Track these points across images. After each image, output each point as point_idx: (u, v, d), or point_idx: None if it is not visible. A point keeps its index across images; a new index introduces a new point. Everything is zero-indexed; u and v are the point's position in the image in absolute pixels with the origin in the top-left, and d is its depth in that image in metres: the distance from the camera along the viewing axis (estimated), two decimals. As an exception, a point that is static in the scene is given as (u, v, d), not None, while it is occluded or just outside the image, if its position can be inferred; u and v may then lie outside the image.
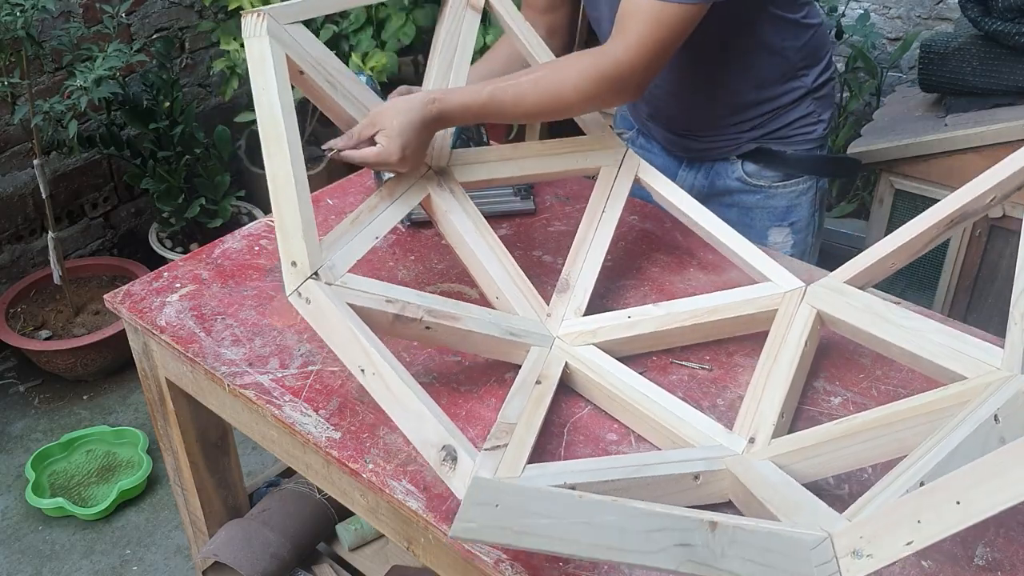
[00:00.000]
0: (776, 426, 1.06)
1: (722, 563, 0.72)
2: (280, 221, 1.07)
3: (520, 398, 1.09)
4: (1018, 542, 0.98)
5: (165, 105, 2.45)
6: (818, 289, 1.20)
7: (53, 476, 2.20)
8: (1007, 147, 1.93)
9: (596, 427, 1.12)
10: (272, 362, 1.20)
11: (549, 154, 1.37)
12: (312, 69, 1.19)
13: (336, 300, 1.04)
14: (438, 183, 1.28)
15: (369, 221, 1.19)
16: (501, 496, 0.72)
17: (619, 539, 0.71)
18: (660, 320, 1.21)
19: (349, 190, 1.58)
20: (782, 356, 1.14)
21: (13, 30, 2.01)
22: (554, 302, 1.25)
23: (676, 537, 0.72)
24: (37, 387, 2.49)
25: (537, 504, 0.72)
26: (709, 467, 1.00)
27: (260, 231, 1.47)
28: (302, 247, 1.05)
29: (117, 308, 1.32)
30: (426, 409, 0.95)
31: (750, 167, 1.51)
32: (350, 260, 1.12)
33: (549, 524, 0.71)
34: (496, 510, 0.71)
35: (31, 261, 2.61)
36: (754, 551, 0.73)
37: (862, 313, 1.15)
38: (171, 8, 2.70)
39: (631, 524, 0.72)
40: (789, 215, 1.53)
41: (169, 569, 2.02)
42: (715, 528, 0.73)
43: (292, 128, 1.09)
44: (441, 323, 1.10)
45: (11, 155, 2.46)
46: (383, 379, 0.98)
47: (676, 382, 1.19)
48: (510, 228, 1.50)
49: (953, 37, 2.07)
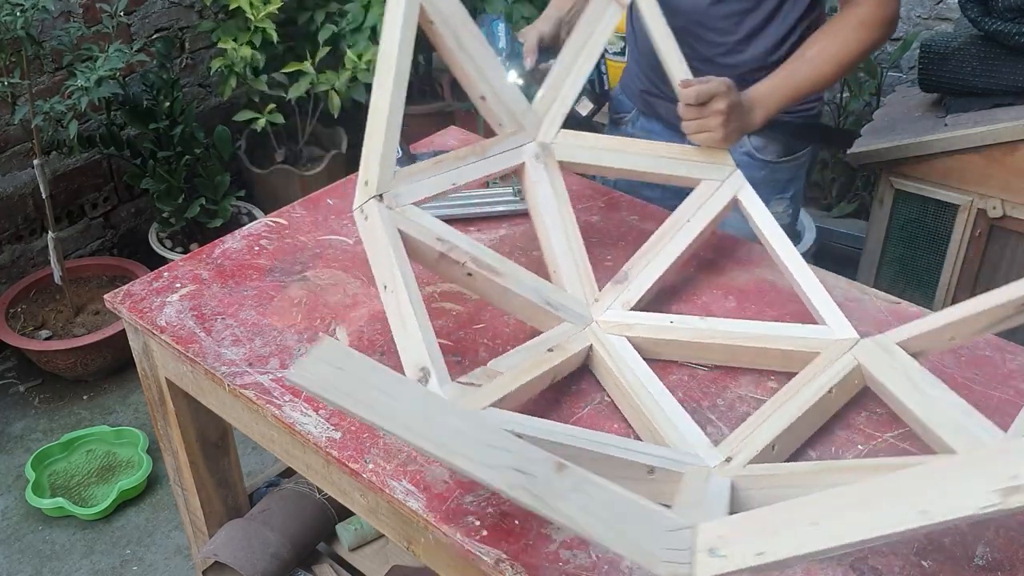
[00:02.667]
0: (760, 453, 1.02)
1: (558, 503, 0.69)
2: (367, 144, 1.18)
3: (521, 355, 1.12)
4: (1018, 542, 0.98)
5: (165, 105, 2.45)
6: (868, 344, 1.15)
7: (53, 476, 2.20)
8: (1007, 147, 1.94)
9: (596, 426, 1.12)
10: (272, 362, 1.20)
11: (655, 155, 1.38)
12: (441, 22, 1.26)
13: (388, 222, 1.13)
14: (536, 156, 1.34)
15: (453, 167, 1.26)
16: (348, 362, 0.72)
17: (453, 439, 0.70)
18: (699, 332, 1.20)
19: (349, 190, 1.58)
20: (803, 393, 1.09)
21: (13, 30, 2.01)
22: (606, 290, 1.26)
23: (515, 461, 0.70)
24: (37, 387, 2.49)
25: (382, 381, 0.72)
26: (666, 466, 0.98)
27: (260, 231, 1.47)
28: (376, 170, 1.16)
29: (117, 308, 1.32)
30: (420, 333, 1.02)
31: (756, 140, 1.57)
32: (419, 194, 1.21)
33: (387, 402, 0.71)
34: (339, 372, 0.72)
35: (31, 261, 2.61)
36: (600, 506, 0.70)
37: (898, 376, 1.09)
38: (171, 8, 2.70)
39: (471, 430, 0.71)
40: (789, 187, 1.66)
41: (169, 569, 2.02)
42: (561, 470, 0.70)
43: (403, 67, 1.19)
44: (482, 273, 1.16)
45: (11, 155, 2.46)
46: (397, 298, 1.06)
47: (676, 382, 1.19)
48: (510, 228, 1.50)
49: (953, 37, 2.07)
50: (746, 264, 1.40)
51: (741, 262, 1.41)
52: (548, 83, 1.40)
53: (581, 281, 1.26)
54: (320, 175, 2.83)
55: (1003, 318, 1.02)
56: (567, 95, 1.39)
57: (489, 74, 1.32)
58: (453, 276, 1.19)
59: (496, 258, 1.20)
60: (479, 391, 1.03)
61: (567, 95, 1.39)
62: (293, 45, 2.78)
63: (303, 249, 1.43)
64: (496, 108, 1.35)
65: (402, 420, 0.70)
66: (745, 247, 1.46)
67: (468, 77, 1.32)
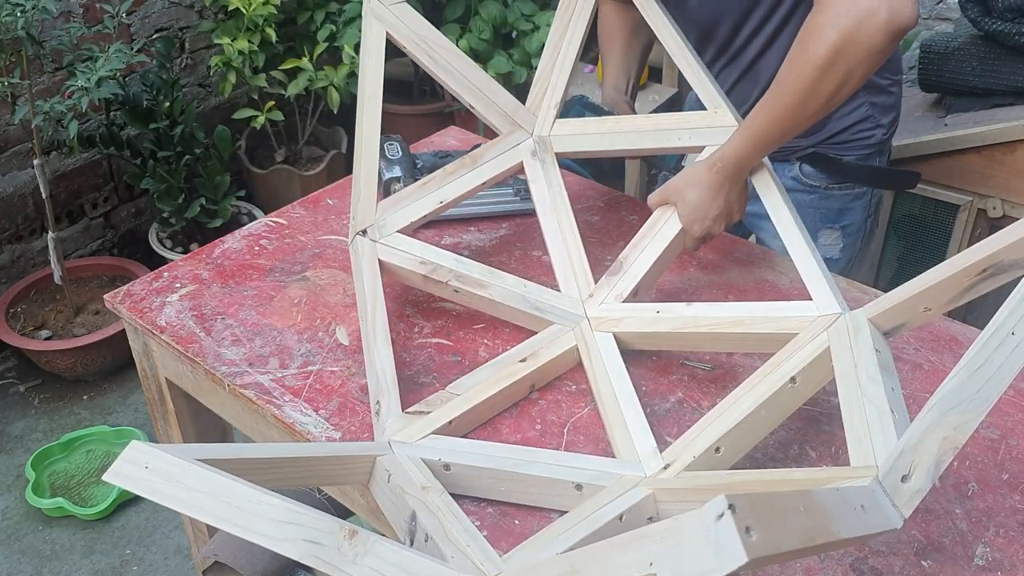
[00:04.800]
0: (699, 459, 0.98)
1: (349, 569, 0.73)
2: (354, 179, 1.28)
3: (486, 372, 1.13)
4: (1018, 542, 0.98)
5: (165, 105, 2.45)
6: (843, 322, 1.05)
7: (53, 476, 2.20)
8: (1007, 147, 1.94)
9: (596, 427, 1.12)
10: (272, 362, 1.20)
11: (654, 129, 1.34)
12: (414, 46, 1.31)
13: (370, 255, 1.21)
14: (533, 152, 1.35)
15: (442, 185, 1.30)
16: (151, 460, 0.77)
17: (251, 522, 0.74)
18: (683, 321, 1.17)
19: (349, 190, 1.57)
20: (760, 386, 1.02)
21: (13, 30, 2.01)
22: (601, 283, 1.24)
23: (306, 533, 0.74)
24: (37, 387, 2.49)
25: (181, 474, 0.76)
26: (593, 480, 0.98)
27: (260, 231, 1.47)
28: (358, 207, 1.26)
29: (117, 308, 1.32)
30: (378, 364, 1.09)
31: (807, 168, 1.49)
32: (403, 221, 1.27)
33: (187, 495, 0.75)
34: (146, 471, 0.76)
35: (31, 261, 2.61)
36: (392, 569, 0.73)
37: (847, 360, 1.01)
38: (171, 8, 2.70)
39: (262, 511, 0.75)
40: (842, 218, 1.52)
41: (169, 569, 2.02)
42: (352, 536, 0.74)
43: (375, 106, 1.28)
44: (467, 288, 1.21)
45: (11, 155, 2.46)
46: (368, 329, 1.13)
47: (676, 381, 1.19)
48: (510, 228, 1.50)
49: (953, 37, 2.07)
50: (746, 264, 1.40)
51: (741, 262, 1.40)
52: (537, 75, 1.40)
53: (576, 277, 1.26)
54: (320, 175, 2.83)
55: (973, 283, 0.95)
56: (558, 83, 1.38)
57: (472, 82, 1.34)
58: (444, 293, 1.24)
59: (481, 270, 1.22)
60: (423, 420, 1.05)
61: (558, 83, 1.38)
62: (293, 45, 2.78)
63: (303, 249, 1.43)
64: (487, 113, 1.35)
65: (203, 508, 0.75)
66: (745, 247, 1.46)
67: (453, 90, 1.34)
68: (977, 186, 2.01)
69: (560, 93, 1.38)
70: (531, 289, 1.22)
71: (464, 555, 0.84)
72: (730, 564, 0.56)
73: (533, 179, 1.33)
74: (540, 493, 1.00)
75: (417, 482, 0.94)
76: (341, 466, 0.96)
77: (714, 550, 0.57)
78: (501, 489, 1.00)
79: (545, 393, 1.16)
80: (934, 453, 0.76)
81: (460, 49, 1.40)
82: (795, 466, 1.07)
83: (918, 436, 0.77)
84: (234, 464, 0.82)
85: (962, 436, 0.75)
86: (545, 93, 1.39)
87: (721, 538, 0.57)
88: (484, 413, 1.11)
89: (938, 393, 0.78)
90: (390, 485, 0.95)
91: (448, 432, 1.05)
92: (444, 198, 1.29)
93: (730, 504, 0.57)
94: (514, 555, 0.89)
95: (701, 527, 0.58)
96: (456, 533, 0.88)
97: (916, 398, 1.15)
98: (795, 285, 1.33)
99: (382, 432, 1.04)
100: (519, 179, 1.50)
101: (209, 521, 0.75)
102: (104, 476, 0.78)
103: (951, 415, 0.76)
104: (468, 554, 0.85)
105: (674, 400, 1.17)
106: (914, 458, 0.76)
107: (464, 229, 1.49)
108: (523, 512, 1.00)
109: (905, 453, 0.77)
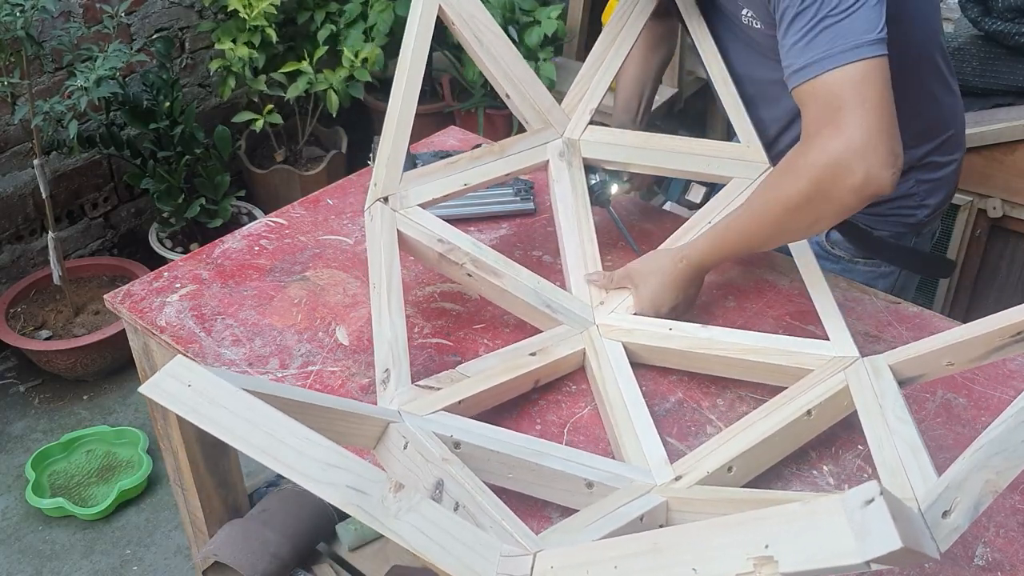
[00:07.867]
0: (711, 475, 0.99)
1: (391, 523, 0.71)
2: (380, 146, 1.26)
3: (496, 359, 1.13)
4: (1018, 542, 0.98)
5: (165, 105, 2.45)
6: (862, 365, 1.08)
7: (53, 476, 2.20)
8: (1007, 147, 1.94)
9: (597, 427, 1.12)
10: (272, 362, 1.20)
11: (684, 151, 1.35)
12: (463, 23, 1.30)
13: (388, 223, 1.19)
14: (560, 154, 1.35)
15: (468, 168, 1.29)
16: (195, 379, 0.75)
17: (295, 460, 0.73)
18: (696, 342, 1.17)
19: (349, 190, 1.58)
20: (776, 414, 1.04)
21: (13, 30, 2.01)
22: (613, 292, 1.25)
23: (351, 480, 0.72)
24: (37, 387, 2.49)
25: (227, 398, 0.74)
26: (604, 481, 0.98)
27: (260, 231, 1.47)
28: (383, 172, 1.23)
29: (117, 308, 1.32)
30: (390, 333, 1.08)
31: (834, 235, 1.41)
32: (427, 195, 1.26)
33: (230, 419, 0.73)
34: (188, 389, 0.75)
35: (31, 261, 2.61)
36: (436, 529, 0.72)
37: (871, 401, 1.03)
38: (171, 8, 2.70)
39: (309, 450, 0.73)
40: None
41: (169, 569, 2.02)
42: (398, 490, 0.72)
43: (416, 75, 1.25)
44: (480, 274, 1.19)
45: (11, 155, 2.46)
46: (381, 298, 1.11)
47: (676, 382, 1.19)
48: (510, 228, 1.50)
49: (953, 37, 2.07)
50: (746, 264, 1.40)
51: (741, 262, 1.40)
52: (578, 77, 1.40)
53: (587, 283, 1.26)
54: (320, 175, 2.83)
55: (1004, 344, 0.96)
56: (596, 89, 1.39)
57: (512, 72, 1.33)
58: (456, 275, 1.22)
59: (498, 259, 1.21)
60: (434, 395, 1.05)
61: (596, 89, 1.39)
62: (293, 45, 2.78)
63: (303, 249, 1.43)
64: (521, 106, 1.35)
65: (244, 436, 0.73)
66: (745, 247, 1.45)
67: (491, 76, 1.34)
68: (977, 186, 2.01)
69: (598, 101, 1.38)
70: (544, 286, 1.22)
71: (501, 527, 0.83)
72: (879, 549, 0.54)
73: (557, 179, 1.33)
74: (549, 485, 0.99)
75: (437, 453, 0.92)
76: (355, 424, 0.94)
77: (857, 534, 0.56)
78: (509, 476, 0.99)
79: (545, 393, 1.16)
80: (976, 494, 0.75)
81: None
82: (795, 465, 1.07)
83: (964, 474, 0.76)
84: (262, 398, 0.79)
85: (1003, 481, 0.75)
86: (583, 97, 1.39)
87: (869, 522, 0.55)
88: (490, 399, 1.10)
89: (985, 436, 0.78)
90: (407, 452, 0.93)
91: (457, 412, 1.04)
92: (468, 181, 1.29)
93: (881, 490, 0.56)
94: (547, 536, 0.88)
95: (843, 510, 0.57)
96: (488, 505, 0.86)
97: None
98: (795, 285, 1.33)
99: (389, 401, 1.03)
100: (519, 179, 1.50)
101: (249, 452, 0.72)
102: (141, 388, 0.75)
103: (995, 460, 0.76)
104: (505, 527, 0.83)
105: (674, 400, 1.17)
106: (957, 495, 0.76)
107: (464, 229, 1.48)
108: (522, 511, 1.00)
109: (950, 489, 0.76)
